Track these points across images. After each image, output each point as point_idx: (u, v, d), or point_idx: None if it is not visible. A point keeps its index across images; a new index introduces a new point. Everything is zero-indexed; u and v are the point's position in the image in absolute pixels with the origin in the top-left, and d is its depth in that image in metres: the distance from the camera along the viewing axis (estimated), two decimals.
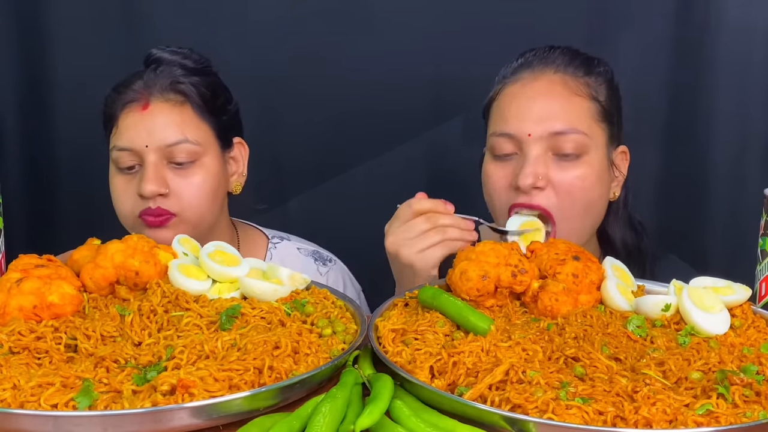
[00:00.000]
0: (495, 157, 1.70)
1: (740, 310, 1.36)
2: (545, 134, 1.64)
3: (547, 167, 1.64)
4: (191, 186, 1.75)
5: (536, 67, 1.71)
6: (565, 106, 1.66)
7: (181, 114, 1.76)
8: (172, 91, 1.76)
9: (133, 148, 1.74)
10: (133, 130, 1.74)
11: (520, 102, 1.68)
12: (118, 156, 1.76)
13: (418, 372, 1.19)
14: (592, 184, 1.66)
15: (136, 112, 1.75)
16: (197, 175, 1.76)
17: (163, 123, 1.74)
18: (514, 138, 1.66)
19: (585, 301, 1.38)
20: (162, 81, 1.77)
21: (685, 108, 2.37)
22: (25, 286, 1.32)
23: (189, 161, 1.75)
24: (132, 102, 1.76)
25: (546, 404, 1.08)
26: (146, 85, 1.76)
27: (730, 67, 2.31)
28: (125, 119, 1.76)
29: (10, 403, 1.09)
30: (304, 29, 2.44)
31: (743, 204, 2.23)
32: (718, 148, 2.36)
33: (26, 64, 2.46)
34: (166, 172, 1.74)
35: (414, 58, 2.43)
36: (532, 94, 1.68)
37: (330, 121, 2.48)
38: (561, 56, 1.71)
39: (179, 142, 1.74)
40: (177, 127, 1.75)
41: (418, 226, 1.57)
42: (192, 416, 1.08)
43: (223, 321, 1.29)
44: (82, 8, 2.44)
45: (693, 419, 1.06)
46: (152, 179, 1.71)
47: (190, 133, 1.76)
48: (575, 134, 1.64)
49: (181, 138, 1.74)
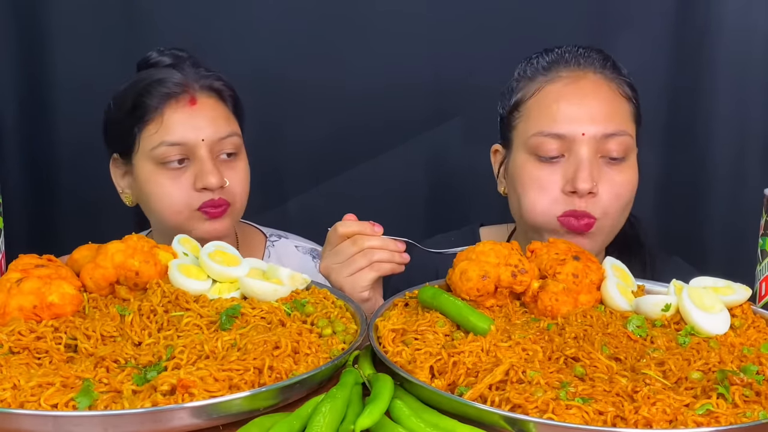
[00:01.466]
0: (540, 159, 1.63)
1: (740, 310, 1.36)
2: (598, 135, 1.60)
3: (600, 169, 1.61)
4: (239, 175, 1.81)
5: (574, 65, 1.67)
6: (613, 107, 1.64)
7: (224, 109, 1.82)
8: (210, 88, 1.81)
9: (186, 143, 1.75)
10: (184, 125, 1.75)
11: (569, 101, 1.63)
12: (166, 151, 1.75)
13: (418, 372, 1.19)
14: (634, 186, 1.65)
15: (185, 108, 1.76)
16: (241, 166, 1.83)
17: (211, 118, 1.78)
18: (565, 138, 1.60)
19: (585, 301, 1.38)
20: (201, 79, 1.80)
21: (684, 109, 2.37)
22: (25, 286, 1.32)
23: (234, 153, 1.81)
24: (176, 96, 1.76)
25: (546, 404, 1.08)
26: (186, 81, 1.78)
27: (730, 68, 2.32)
28: (173, 114, 1.76)
29: (10, 403, 1.09)
30: (304, 31, 2.44)
31: (743, 204, 2.23)
32: (717, 149, 2.36)
33: (26, 63, 2.46)
34: (219, 165, 1.78)
35: (413, 60, 2.43)
36: (580, 93, 1.64)
37: (329, 122, 2.48)
38: (595, 54, 1.69)
39: (229, 135, 1.79)
40: (225, 121, 1.80)
41: (345, 251, 1.53)
42: (192, 416, 1.08)
43: (223, 321, 1.29)
44: (82, 8, 2.44)
45: (693, 419, 1.06)
46: (214, 171, 1.74)
47: (233, 127, 1.82)
48: (623, 136, 1.62)
49: (230, 131, 1.80)
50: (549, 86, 1.66)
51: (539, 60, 1.71)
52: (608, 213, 1.62)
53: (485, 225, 1.92)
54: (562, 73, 1.66)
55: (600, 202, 1.61)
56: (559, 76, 1.66)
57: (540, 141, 1.62)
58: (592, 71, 1.67)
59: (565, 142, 1.61)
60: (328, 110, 2.47)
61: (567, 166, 1.61)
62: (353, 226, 1.54)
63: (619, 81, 1.67)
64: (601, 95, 1.64)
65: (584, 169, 1.58)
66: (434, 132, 2.49)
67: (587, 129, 1.60)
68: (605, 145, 1.60)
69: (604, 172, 1.61)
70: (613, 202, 1.62)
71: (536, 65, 1.70)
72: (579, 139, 1.60)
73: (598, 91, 1.65)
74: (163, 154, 1.75)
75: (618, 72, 1.69)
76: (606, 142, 1.60)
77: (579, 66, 1.67)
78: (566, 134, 1.60)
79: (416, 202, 2.54)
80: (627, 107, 1.67)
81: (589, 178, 1.58)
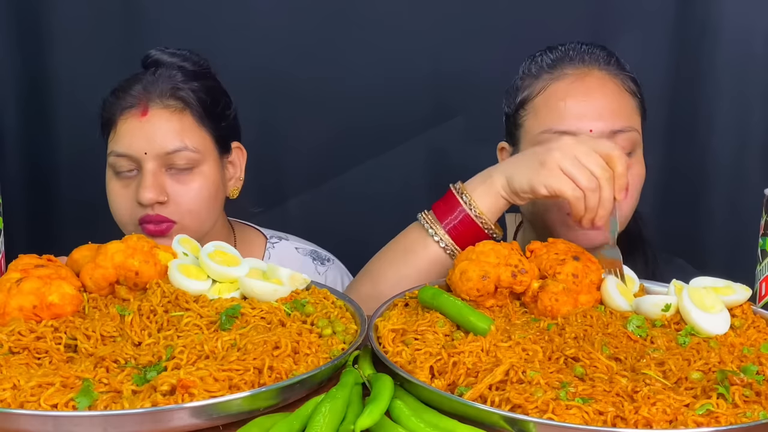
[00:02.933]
0: None
1: (740, 310, 1.36)
2: (606, 131, 1.60)
3: None
4: (190, 192, 1.74)
5: (579, 63, 1.68)
6: (619, 103, 1.64)
7: (181, 121, 1.75)
8: (172, 97, 1.75)
9: (132, 155, 1.73)
10: (131, 136, 1.73)
11: (575, 99, 1.64)
12: (115, 161, 1.75)
13: (418, 372, 1.19)
14: (641, 181, 1.66)
15: (135, 118, 1.73)
16: (196, 182, 1.75)
17: (162, 130, 1.73)
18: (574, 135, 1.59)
19: (585, 301, 1.38)
20: (162, 86, 1.75)
21: (684, 109, 2.37)
22: (25, 286, 1.32)
23: (188, 168, 1.74)
24: (131, 107, 1.74)
25: (546, 404, 1.08)
26: (145, 90, 1.75)
27: (730, 68, 2.32)
28: (123, 124, 1.74)
29: (10, 403, 1.09)
30: (304, 31, 2.44)
31: (743, 204, 2.23)
32: (717, 149, 2.36)
33: (26, 64, 2.46)
34: (165, 179, 1.73)
35: (413, 59, 2.43)
36: (586, 90, 1.64)
37: (329, 122, 2.48)
38: (599, 51, 1.69)
39: (178, 150, 1.72)
40: (176, 135, 1.73)
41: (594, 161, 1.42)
42: (192, 416, 1.08)
43: (223, 321, 1.29)
44: (82, 9, 2.44)
45: (693, 419, 1.06)
46: (151, 187, 1.70)
47: (190, 140, 1.74)
48: (630, 132, 1.63)
49: (181, 146, 1.73)
50: (555, 84, 1.67)
51: (543, 58, 1.71)
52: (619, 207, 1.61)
53: None
54: (568, 71, 1.67)
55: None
56: (565, 74, 1.67)
57: (549, 138, 1.62)
58: (597, 67, 1.68)
59: None
60: (329, 109, 2.47)
61: None
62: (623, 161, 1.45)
63: (623, 76, 1.68)
64: (607, 91, 1.65)
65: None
66: (435, 131, 2.49)
67: (595, 125, 1.61)
68: (613, 141, 1.60)
69: None
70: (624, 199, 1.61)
71: (541, 63, 1.71)
72: (588, 136, 1.59)
73: (604, 88, 1.65)
74: (113, 164, 1.75)
75: (622, 68, 1.70)
76: (614, 138, 1.61)
77: (584, 63, 1.68)
78: (575, 131, 1.61)
79: (417, 202, 2.52)
80: (632, 102, 1.68)
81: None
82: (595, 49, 1.71)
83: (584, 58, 1.68)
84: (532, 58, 1.73)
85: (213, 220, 1.82)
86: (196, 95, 1.77)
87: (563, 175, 1.44)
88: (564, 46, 1.71)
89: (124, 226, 1.78)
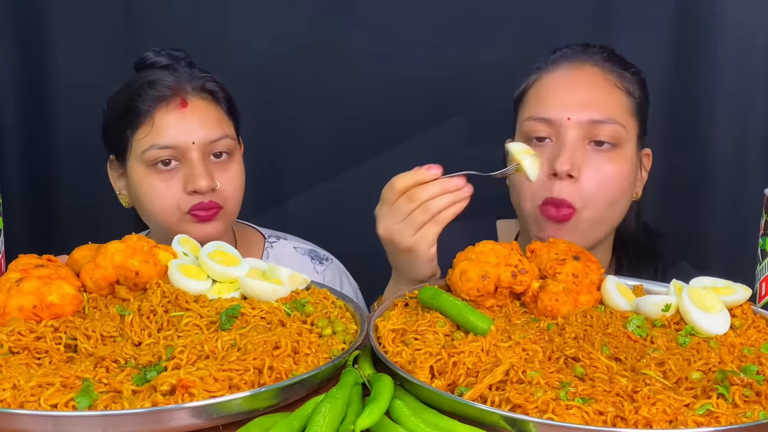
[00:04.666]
0: (528, 142, 1.65)
1: (740, 310, 1.36)
2: (584, 120, 1.62)
3: (584, 155, 1.62)
4: (233, 178, 1.80)
5: (575, 59, 1.71)
6: (605, 96, 1.66)
7: (217, 111, 1.81)
8: (203, 89, 1.80)
9: (177, 146, 1.75)
10: (174, 128, 1.75)
11: (560, 89, 1.67)
12: (157, 154, 1.75)
13: (418, 372, 1.19)
14: (624, 178, 1.65)
15: (176, 110, 1.76)
16: (234, 169, 1.81)
17: (203, 120, 1.78)
18: (552, 122, 1.63)
19: (585, 301, 1.38)
20: (194, 80, 1.80)
21: (684, 108, 2.37)
22: (25, 286, 1.32)
23: (227, 155, 1.80)
24: (167, 98, 1.76)
25: (546, 404, 1.08)
26: (178, 83, 1.78)
27: (730, 67, 2.31)
28: (163, 117, 1.76)
29: (10, 403, 1.09)
30: (303, 30, 2.44)
31: (743, 204, 2.23)
32: (718, 148, 2.36)
33: (26, 63, 2.46)
34: (210, 167, 1.77)
35: (414, 58, 2.43)
36: (573, 82, 1.67)
37: (329, 121, 2.48)
38: (599, 51, 1.72)
39: (221, 138, 1.78)
40: (216, 124, 1.79)
41: (402, 208, 1.45)
42: (192, 416, 1.08)
43: (223, 321, 1.29)
44: (82, 9, 2.44)
45: (693, 419, 1.06)
46: (205, 175, 1.74)
47: (226, 129, 1.81)
48: (613, 124, 1.63)
49: (222, 134, 1.79)
50: (546, 75, 1.70)
51: (547, 57, 1.75)
52: (590, 203, 1.62)
53: (501, 218, 1.94)
54: (562, 65, 1.71)
55: (581, 189, 1.61)
56: (559, 68, 1.70)
57: (530, 125, 1.66)
58: (591, 63, 1.70)
59: (553, 127, 1.64)
60: (329, 109, 2.47)
61: (552, 149, 1.63)
62: (408, 178, 1.47)
63: (620, 74, 1.69)
64: (595, 84, 1.67)
65: (566, 151, 1.60)
66: (436, 131, 2.49)
67: (573, 114, 1.62)
68: (594, 130, 1.62)
69: (590, 158, 1.62)
70: (596, 190, 1.62)
71: (542, 61, 1.74)
72: (565, 124, 1.62)
73: (592, 81, 1.67)
74: (154, 157, 1.75)
75: (623, 67, 1.71)
76: (594, 128, 1.62)
77: (579, 59, 1.71)
78: (553, 119, 1.63)
79: None
80: (623, 100, 1.68)
81: (568, 160, 1.60)
82: (596, 48, 1.73)
83: (581, 55, 1.71)
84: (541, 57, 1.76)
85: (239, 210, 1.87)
86: (220, 88, 1.83)
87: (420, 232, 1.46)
88: (569, 47, 1.75)
89: (165, 221, 1.77)
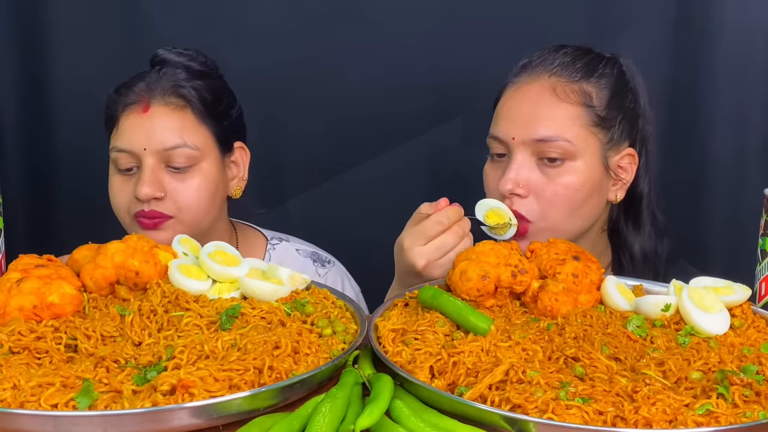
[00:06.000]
0: (491, 158, 1.72)
1: (740, 310, 1.36)
2: (528, 139, 1.63)
3: (531, 173, 1.63)
4: (188, 190, 1.76)
5: (534, 70, 1.70)
6: (551, 112, 1.65)
7: (181, 118, 1.77)
8: (174, 94, 1.77)
9: (132, 150, 1.75)
10: (132, 132, 1.75)
11: (510, 105, 1.69)
12: (117, 156, 1.77)
13: (418, 372, 1.19)
14: (576, 191, 1.65)
15: (137, 115, 1.76)
16: (195, 179, 1.77)
17: (162, 126, 1.75)
18: (502, 141, 1.67)
19: (585, 301, 1.38)
20: (164, 84, 1.77)
21: (684, 109, 2.37)
22: (25, 286, 1.32)
23: (187, 165, 1.76)
24: (133, 104, 1.77)
25: (546, 404, 1.08)
26: (148, 88, 1.77)
27: (730, 67, 2.31)
28: (125, 121, 1.76)
29: (10, 403, 1.09)
30: (304, 31, 2.44)
31: (743, 204, 2.23)
32: (718, 149, 2.36)
33: (26, 63, 2.46)
34: (164, 176, 1.74)
35: (414, 59, 2.42)
36: (522, 98, 1.68)
37: (330, 122, 2.48)
38: (561, 58, 1.69)
39: (177, 146, 1.74)
40: (176, 131, 1.75)
41: (448, 243, 1.53)
42: (192, 416, 1.08)
43: (223, 321, 1.29)
44: (82, 9, 2.44)
45: (693, 419, 1.06)
46: (148, 182, 1.72)
47: (189, 137, 1.76)
48: (559, 141, 1.63)
49: (180, 142, 1.74)
50: (507, 90, 1.73)
51: (517, 65, 1.75)
52: (545, 216, 1.64)
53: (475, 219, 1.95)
54: (521, 77, 1.71)
55: (532, 204, 1.63)
56: (518, 80, 1.71)
57: (489, 142, 1.72)
58: (547, 75, 1.68)
59: (504, 145, 1.67)
60: (329, 110, 2.47)
61: (504, 166, 1.67)
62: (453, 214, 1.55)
63: (578, 86, 1.66)
64: (542, 100, 1.66)
65: (510, 170, 1.64)
66: (435, 131, 2.49)
67: (517, 133, 1.65)
68: (541, 148, 1.63)
69: (537, 175, 1.64)
70: (547, 205, 1.63)
71: (514, 69, 1.75)
72: (511, 143, 1.65)
73: (540, 96, 1.66)
74: (115, 159, 1.78)
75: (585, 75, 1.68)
76: (541, 146, 1.63)
77: (537, 70, 1.70)
78: (501, 138, 1.68)
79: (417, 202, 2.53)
80: (575, 112, 1.65)
81: (510, 180, 1.63)
82: (559, 53, 1.70)
83: (540, 66, 1.70)
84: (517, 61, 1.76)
85: (212, 219, 1.82)
86: (198, 93, 1.79)
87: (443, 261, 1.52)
88: (539, 53, 1.73)
89: (122, 220, 1.80)
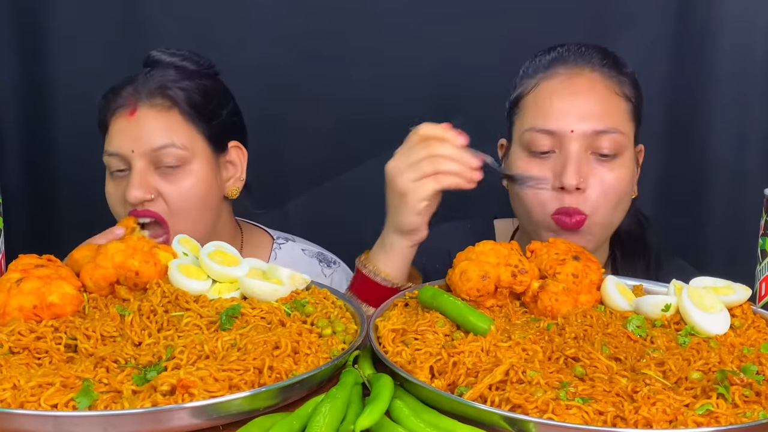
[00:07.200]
0: (531, 154, 1.65)
1: (740, 310, 1.36)
2: (588, 132, 1.61)
3: (588, 167, 1.62)
4: (179, 190, 1.75)
5: (572, 63, 1.68)
6: (606, 105, 1.64)
7: (168, 119, 1.76)
8: (160, 95, 1.77)
9: (121, 153, 1.75)
10: (120, 136, 1.76)
11: (562, 98, 1.64)
12: (108, 160, 1.78)
13: (418, 372, 1.19)
14: (625, 184, 1.65)
15: (124, 118, 1.76)
16: (185, 180, 1.76)
17: (149, 128, 1.75)
18: (556, 134, 1.62)
19: (585, 301, 1.38)
20: (150, 85, 1.77)
21: (684, 109, 2.37)
22: (25, 286, 1.32)
23: (177, 166, 1.75)
24: (120, 108, 1.77)
25: (546, 404, 1.08)
26: (135, 90, 1.77)
27: (731, 67, 2.32)
28: (114, 125, 1.77)
29: (10, 403, 1.09)
30: (305, 30, 2.44)
31: (743, 204, 2.23)
32: (718, 148, 2.36)
33: (26, 64, 2.46)
34: (154, 178, 1.74)
35: (415, 58, 2.42)
36: (574, 90, 1.65)
37: (331, 122, 2.48)
38: (596, 54, 1.69)
39: (165, 146, 1.74)
40: (163, 132, 1.75)
41: (415, 153, 1.48)
42: (192, 416, 1.08)
43: (223, 321, 1.29)
44: (82, 9, 2.44)
45: (693, 419, 1.06)
46: (137, 185, 1.72)
47: (177, 137, 1.76)
48: (615, 134, 1.62)
49: (167, 142, 1.74)
50: (545, 83, 1.67)
51: (541, 58, 1.72)
52: (597, 210, 1.62)
53: (498, 218, 1.94)
54: (560, 70, 1.68)
55: (589, 199, 1.62)
56: (557, 73, 1.68)
57: (532, 136, 1.64)
58: (590, 68, 1.67)
59: (556, 138, 1.62)
60: (331, 109, 2.47)
61: (557, 161, 1.63)
62: (435, 129, 1.51)
63: (618, 79, 1.68)
64: (595, 92, 1.65)
65: (572, 164, 1.60)
66: None
67: (577, 126, 1.61)
68: (596, 142, 1.61)
69: (593, 169, 1.62)
70: (601, 199, 1.62)
71: (538, 63, 1.72)
72: (569, 136, 1.61)
73: (592, 89, 1.65)
74: (107, 163, 1.79)
75: (619, 70, 1.69)
76: (597, 139, 1.61)
77: (576, 64, 1.68)
78: (556, 130, 1.62)
79: None
80: (623, 105, 1.67)
81: (575, 174, 1.59)
82: (593, 50, 1.71)
83: (578, 59, 1.69)
84: (532, 58, 1.74)
85: (208, 220, 1.82)
86: (185, 93, 1.78)
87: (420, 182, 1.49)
88: (563, 47, 1.72)
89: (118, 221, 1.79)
